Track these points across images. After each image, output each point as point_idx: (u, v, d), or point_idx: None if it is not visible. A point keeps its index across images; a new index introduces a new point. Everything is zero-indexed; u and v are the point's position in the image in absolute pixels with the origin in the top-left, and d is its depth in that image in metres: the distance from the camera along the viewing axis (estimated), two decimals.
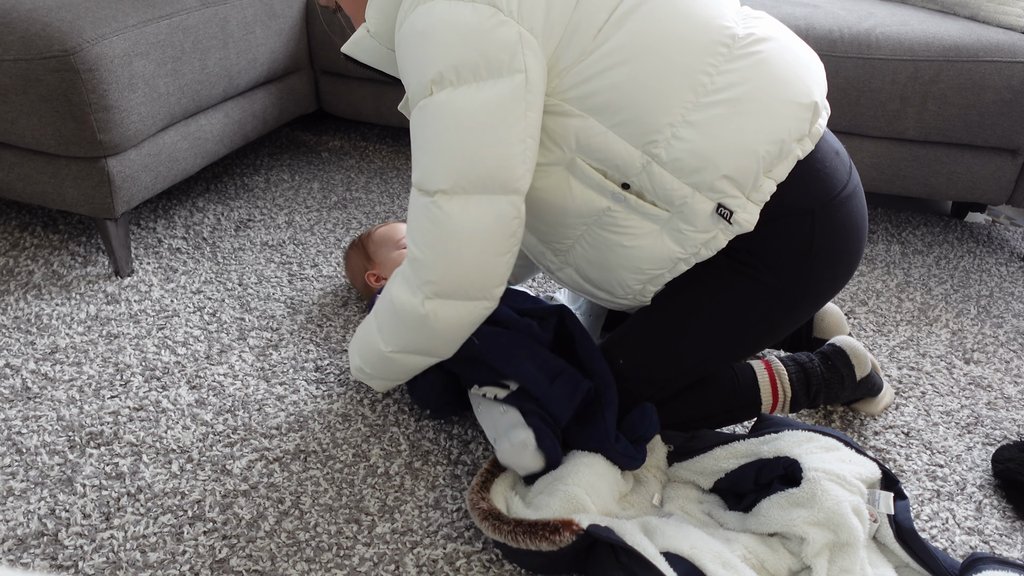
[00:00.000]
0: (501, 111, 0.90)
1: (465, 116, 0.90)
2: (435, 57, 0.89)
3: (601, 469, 1.03)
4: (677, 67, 0.94)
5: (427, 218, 0.94)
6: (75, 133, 1.40)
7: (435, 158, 0.92)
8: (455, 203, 0.92)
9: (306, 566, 0.97)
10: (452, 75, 0.89)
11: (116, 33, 1.41)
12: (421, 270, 0.96)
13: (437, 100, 0.91)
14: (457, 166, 0.91)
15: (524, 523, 0.94)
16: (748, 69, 0.96)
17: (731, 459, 1.07)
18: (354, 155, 2.22)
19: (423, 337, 1.03)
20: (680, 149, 0.95)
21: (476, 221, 0.93)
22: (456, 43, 0.88)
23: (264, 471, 1.11)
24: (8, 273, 1.55)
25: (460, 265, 0.95)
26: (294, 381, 1.30)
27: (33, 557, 0.97)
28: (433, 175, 0.93)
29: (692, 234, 1.00)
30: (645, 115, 0.95)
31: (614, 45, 0.94)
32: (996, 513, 1.12)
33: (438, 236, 0.94)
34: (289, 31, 1.91)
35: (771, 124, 0.96)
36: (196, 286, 1.55)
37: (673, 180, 0.97)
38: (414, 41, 0.91)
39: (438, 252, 0.94)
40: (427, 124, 0.93)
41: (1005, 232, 2.02)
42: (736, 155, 0.95)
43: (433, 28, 0.89)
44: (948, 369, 1.43)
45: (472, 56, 0.88)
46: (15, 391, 1.24)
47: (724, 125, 0.95)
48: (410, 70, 0.93)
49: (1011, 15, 1.80)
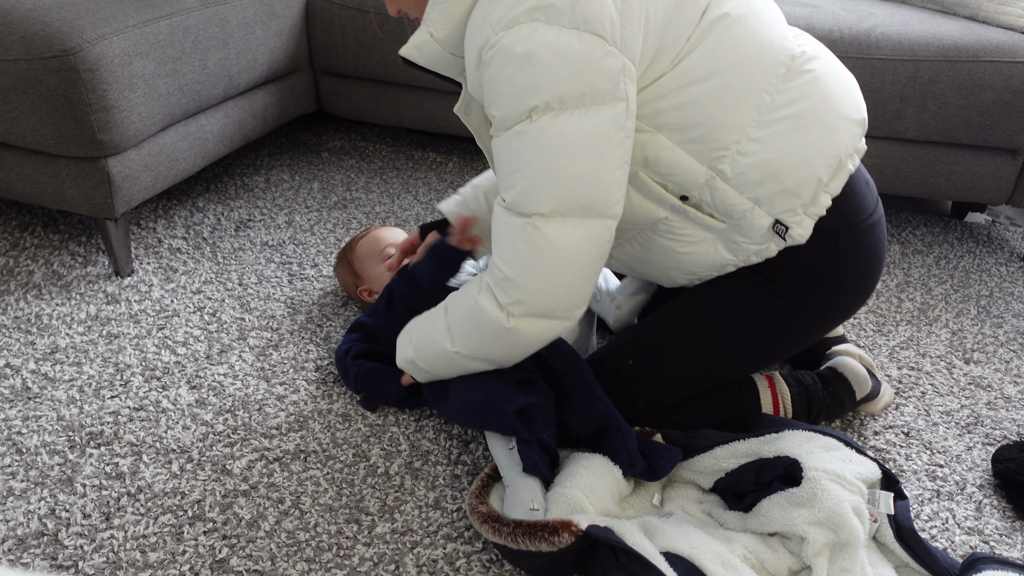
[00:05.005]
0: (602, 138, 0.90)
1: (568, 143, 0.89)
2: (540, 85, 0.87)
3: (599, 471, 1.03)
4: (746, 86, 0.97)
5: (523, 239, 0.93)
6: (75, 133, 1.40)
7: (535, 182, 0.91)
8: (552, 226, 0.92)
9: (306, 566, 0.97)
10: (556, 103, 0.88)
11: (116, 33, 1.41)
12: (512, 290, 0.95)
13: (539, 126, 0.89)
14: (558, 191, 0.91)
15: (523, 524, 0.94)
16: (806, 86, 1.00)
17: (731, 459, 1.07)
18: (354, 155, 2.22)
19: (500, 348, 1.02)
20: (744, 164, 0.98)
21: (573, 244, 0.93)
22: (564, 73, 0.87)
23: (264, 471, 1.11)
24: (8, 273, 1.55)
25: (552, 286, 0.95)
26: (294, 381, 1.30)
27: (33, 557, 0.97)
28: (532, 198, 0.92)
29: (746, 245, 1.04)
30: (714, 132, 0.97)
31: (689, 65, 0.95)
32: (996, 513, 1.12)
33: (533, 257, 0.93)
34: (289, 31, 1.91)
35: (829, 138, 1.00)
36: (196, 286, 1.55)
37: (735, 195, 0.99)
38: (513, 64, 0.88)
39: (531, 272, 0.94)
40: (527, 148, 0.91)
41: (1005, 232, 2.02)
42: (798, 169, 0.98)
43: (538, 55, 0.87)
44: (948, 369, 1.43)
45: (578, 86, 0.88)
46: (15, 391, 1.24)
47: (787, 140, 0.98)
48: (504, 92, 0.90)
49: (1011, 15, 1.80)
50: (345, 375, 1.26)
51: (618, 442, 1.05)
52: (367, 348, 1.28)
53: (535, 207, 0.91)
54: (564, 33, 0.86)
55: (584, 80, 0.88)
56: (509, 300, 0.96)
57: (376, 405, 1.24)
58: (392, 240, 1.47)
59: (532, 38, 0.87)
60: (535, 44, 0.86)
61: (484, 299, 0.99)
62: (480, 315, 0.99)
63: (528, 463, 1.02)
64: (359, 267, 1.47)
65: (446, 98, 2.04)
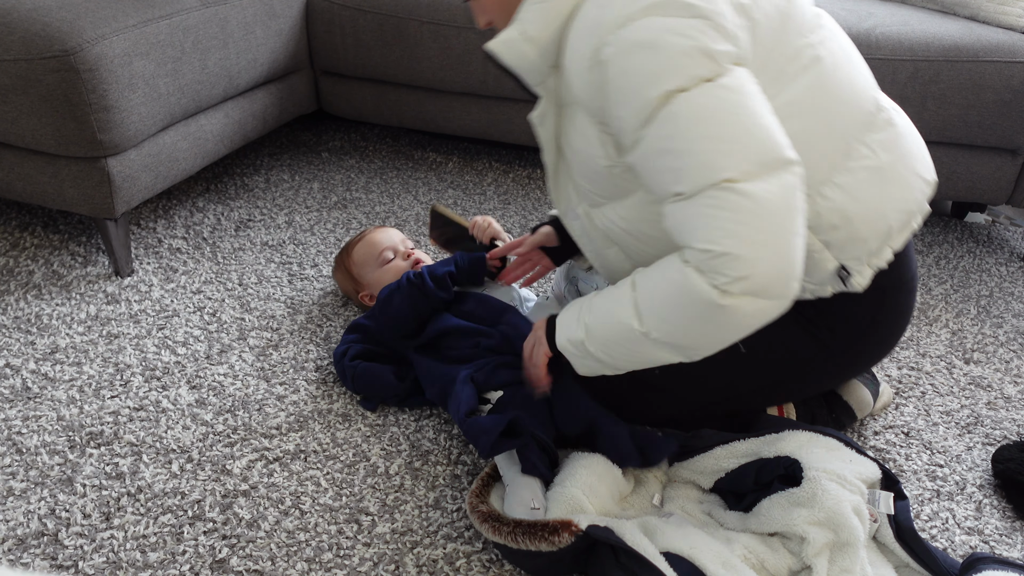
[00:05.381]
0: (741, 94, 0.88)
1: (713, 108, 0.87)
2: (672, 65, 0.86)
3: (600, 470, 1.03)
4: (837, 130, 0.98)
5: (721, 207, 0.86)
6: (75, 133, 1.40)
7: (707, 153, 0.87)
8: (746, 185, 0.86)
9: (306, 566, 0.97)
10: (689, 81, 0.86)
11: (116, 33, 1.41)
12: (730, 265, 0.86)
13: (679, 103, 0.87)
14: (733, 151, 0.87)
15: (523, 524, 0.94)
16: (889, 140, 1.01)
17: (731, 458, 1.07)
18: (354, 155, 2.22)
19: (704, 330, 0.93)
20: (824, 207, 0.98)
21: (772, 196, 0.87)
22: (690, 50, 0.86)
23: (264, 471, 1.11)
24: (8, 273, 1.55)
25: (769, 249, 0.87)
26: (294, 381, 1.30)
27: (33, 557, 0.97)
28: (709, 169, 0.87)
29: (806, 284, 1.04)
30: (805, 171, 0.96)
31: (788, 98, 0.94)
32: (996, 513, 1.12)
33: (741, 220, 0.86)
34: (289, 31, 1.91)
35: (904, 194, 1.02)
36: (196, 286, 1.55)
37: (810, 235, 0.99)
38: (639, 52, 0.87)
39: (745, 238, 0.86)
40: (677, 127, 0.88)
41: (1005, 232, 2.02)
42: (873, 220, 1.00)
43: (663, 38, 0.86)
44: (948, 369, 1.43)
45: (704, 61, 0.87)
46: (15, 391, 1.24)
47: (867, 190, 0.99)
48: (634, 82, 0.88)
49: (1011, 15, 1.80)
50: (343, 376, 1.26)
51: (608, 440, 1.06)
52: (365, 349, 1.28)
53: (720, 173, 0.86)
54: (681, 20, 0.86)
55: (708, 52, 0.86)
56: (727, 279, 0.87)
57: (376, 405, 1.24)
58: (388, 243, 1.46)
59: (651, 26, 0.86)
60: (656, 30, 0.86)
61: (693, 275, 0.90)
62: (688, 291, 0.90)
63: (526, 464, 1.02)
64: (357, 273, 1.46)
65: (446, 98, 2.04)
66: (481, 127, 2.05)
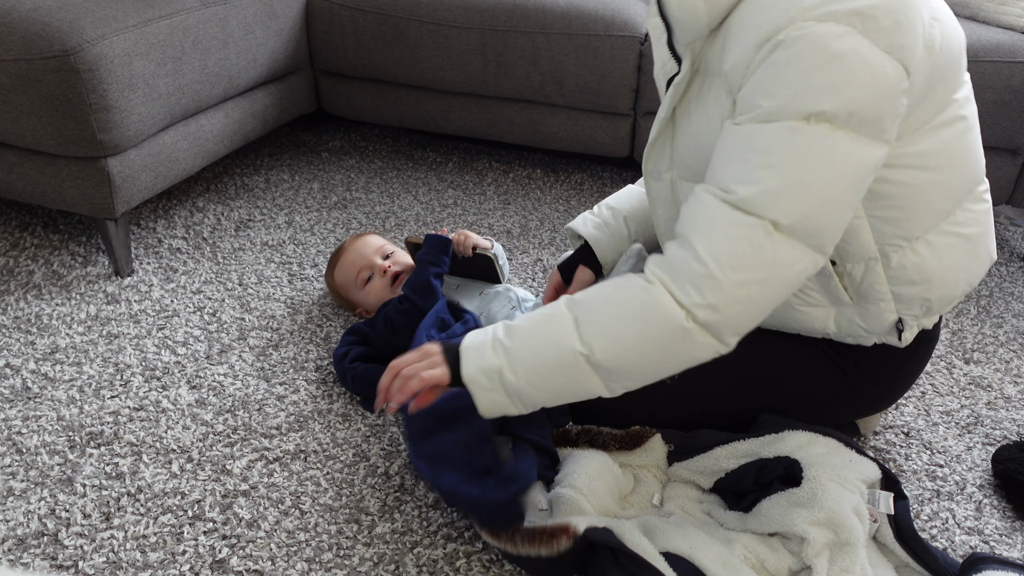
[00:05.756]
0: (861, 174, 0.85)
1: (837, 162, 0.83)
2: (840, 91, 0.81)
3: (598, 469, 1.03)
4: (951, 191, 0.98)
5: (748, 240, 0.84)
6: (75, 133, 1.40)
7: (788, 186, 0.83)
8: (780, 238, 0.84)
9: (306, 566, 0.97)
10: (843, 117, 0.82)
11: (116, 33, 1.41)
12: (711, 291, 0.84)
13: (817, 131, 0.82)
14: (805, 206, 0.84)
15: (523, 529, 0.94)
16: (981, 214, 1.02)
17: (731, 459, 1.07)
18: (354, 155, 2.22)
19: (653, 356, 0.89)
20: (910, 261, 0.98)
21: (787, 265, 0.86)
22: (867, 90, 0.81)
23: (264, 471, 1.11)
24: (8, 273, 1.55)
25: (751, 301, 0.86)
26: (294, 381, 1.30)
27: (33, 557, 0.97)
28: (777, 202, 0.83)
29: (858, 329, 1.05)
30: (907, 221, 0.96)
31: (922, 149, 0.93)
32: (996, 513, 1.12)
33: (751, 263, 0.84)
34: (289, 31, 1.91)
35: (977, 268, 1.03)
36: (196, 286, 1.55)
37: (885, 284, 1.00)
38: (820, 57, 0.81)
39: (741, 279, 0.84)
40: (795, 149, 0.83)
41: (1005, 232, 2.02)
42: (947, 285, 1.01)
43: (852, 60, 0.80)
44: (948, 369, 1.43)
45: (872, 111, 0.82)
46: (15, 391, 1.24)
47: (952, 256, 1.00)
48: (793, 82, 0.82)
49: (1011, 15, 1.80)
50: (343, 378, 1.26)
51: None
52: (364, 351, 1.28)
53: (774, 212, 0.83)
54: (877, 52, 0.80)
55: (879, 107, 0.82)
56: (700, 301, 0.84)
57: None
58: (362, 263, 1.42)
59: (847, 40, 0.80)
60: (851, 48, 0.80)
61: (663, 295, 0.87)
62: (651, 310, 0.87)
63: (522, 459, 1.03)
64: (346, 295, 1.46)
65: (446, 98, 2.04)
66: (481, 127, 2.05)
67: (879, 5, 0.80)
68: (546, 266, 1.70)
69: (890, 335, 1.05)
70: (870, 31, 0.80)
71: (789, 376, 1.09)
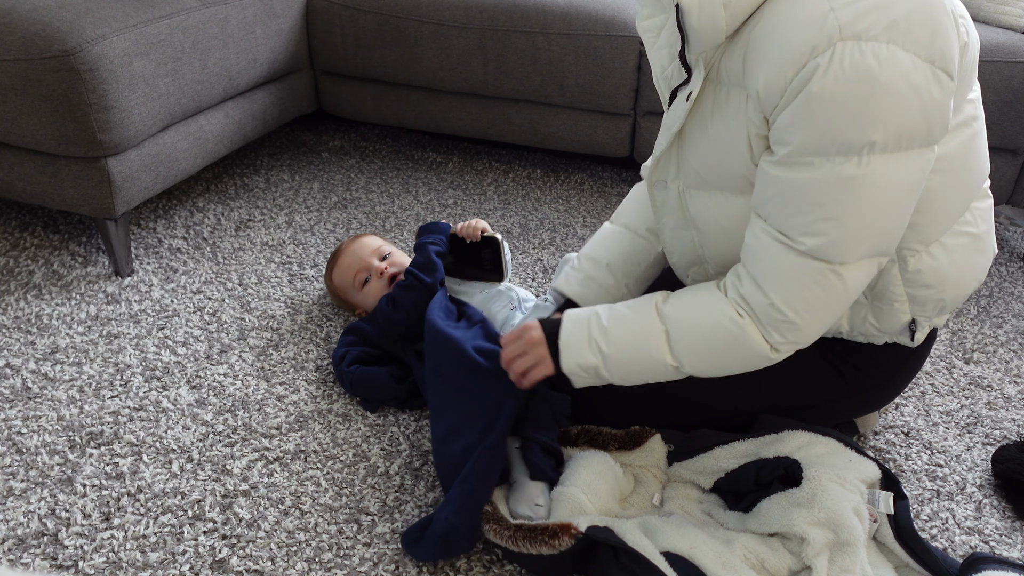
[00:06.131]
0: (916, 185, 0.86)
1: (896, 189, 0.84)
2: (890, 119, 0.79)
3: (600, 469, 1.03)
4: (966, 191, 0.98)
5: (819, 285, 0.88)
6: (75, 133, 1.40)
7: (854, 233, 0.85)
8: (850, 272, 0.88)
9: (306, 566, 0.97)
10: (894, 141, 0.81)
11: (116, 33, 1.41)
12: (792, 332, 0.91)
13: (872, 170, 0.82)
14: (873, 240, 0.86)
15: (524, 528, 0.94)
16: (986, 210, 1.03)
17: (731, 459, 1.07)
18: (354, 155, 2.22)
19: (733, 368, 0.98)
20: (927, 265, 0.98)
21: (856, 289, 0.91)
22: (915, 110, 0.80)
23: (264, 471, 1.11)
24: (8, 273, 1.55)
25: (823, 323, 0.92)
26: (294, 381, 1.30)
27: (33, 557, 0.97)
28: (846, 249, 0.86)
29: (871, 328, 1.05)
30: (925, 224, 0.96)
31: (943, 151, 0.91)
32: (996, 513, 1.12)
33: (824, 302, 0.89)
34: (289, 31, 1.91)
35: (985, 265, 1.04)
36: (196, 286, 1.55)
37: (900, 286, 1.00)
38: (866, 87, 0.78)
39: (818, 316, 0.91)
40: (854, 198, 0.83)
41: (1005, 232, 2.02)
42: (961, 285, 1.02)
43: (898, 87, 0.78)
44: (948, 369, 1.43)
45: (922, 127, 0.81)
46: (15, 391, 1.24)
47: (965, 257, 1.01)
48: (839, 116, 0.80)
49: (1011, 15, 1.80)
50: (341, 381, 1.27)
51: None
52: (362, 352, 1.28)
53: (846, 257, 0.86)
54: (920, 65, 0.79)
55: (929, 121, 0.81)
56: (782, 340, 0.92)
57: (376, 406, 1.24)
58: (359, 265, 1.42)
59: (892, 65, 0.77)
60: (896, 74, 0.78)
61: (750, 328, 0.93)
62: (742, 342, 0.93)
63: (534, 470, 1.03)
64: (345, 297, 1.46)
65: (446, 98, 2.04)
66: (481, 127, 2.05)
67: (915, 12, 0.78)
68: (546, 266, 1.70)
69: (902, 335, 1.04)
70: (911, 43, 0.78)
71: (788, 380, 1.09)
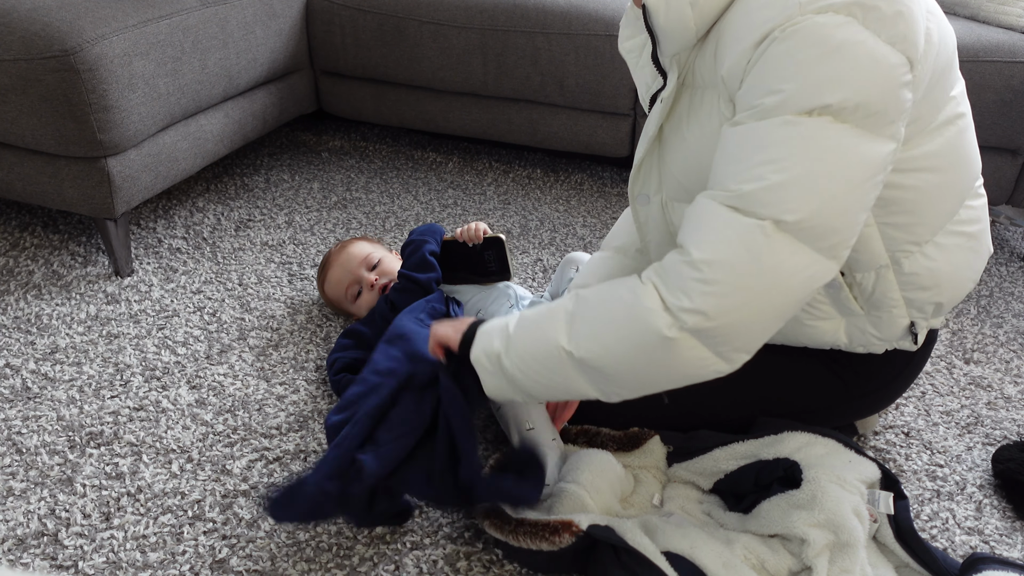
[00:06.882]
0: (869, 171, 0.81)
1: (842, 157, 0.79)
2: (845, 82, 0.77)
3: (602, 467, 1.03)
4: (957, 190, 0.97)
5: (744, 243, 0.80)
6: (75, 133, 1.40)
7: (793, 180, 0.79)
8: (781, 240, 0.79)
9: (306, 566, 0.97)
10: (849, 110, 0.78)
11: (116, 33, 1.41)
12: (700, 296, 0.80)
13: (819, 124, 0.78)
14: (812, 202, 0.79)
15: (525, 523, 0.94)
16: (981, 209, 1.02)
17: (731, 460, 1.07)
18: (354, 155, 2.23)
19: (636, 363, 0.85)
20: (922, 266, 0.97)
21: (789, 270, 0.80)
22: (873, 82, 0.78)
23: (264, 471, 1.11)
24: (8, 273, 1.55)
25: (745, 309, 0.81)
26: (294, 381, 1.30)
27: (33, 557, 0.97)
28: (781, 198, 0.79)
29: (870, 338, 1.03)
30: (918, 225, 0.95)
31: (929, 150, 0.90)
32: (996, 513, 1.12)
33: (746, 267, 0.80)
34: (289, 31, 1.91)
35: (979, 265, 1.03)
36: (196, 286, 1.55)
37: (897, 291, 0.99)
38: (821, 48, 0.77)
39: (734, 284, 0.80)
40: (798, 142, 0.79)
41: (1005, 232, 2.02)
42: (957, 285, 1.01)
43: (854, 51, 0.77)
44: (948, 369, 1.43)
45: (877, 103, 0.79)
46: (15, 391, 1.24)
47: (960, 256, 0.99)
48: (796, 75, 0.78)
49: (1011, 15, 1.80)
50: (332, 387, 1.26)
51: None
52: (353, 359, 1.26)
53: (778, 210, 0.79)
54: (880, 44, 0.78)
55: (884, 100, 0.79)
56: (689, 305, 0.80)
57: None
58: (349, 278, 1.41)
59: (847, 29, 0.77)
60: (851, 38, 0.77)
61: (651, 298, 0.83)
62: (635, 310, 0.83)
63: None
64: (340, 307, 1.46)
65: (446, 98, 2.04)
66: (481, 127, 2.05)
67: None
68: (546, 266, 1.70)
69: (904, 340, 1.03)
70: (871, 21, 0.77)
71: (787, 386, 1.09)
